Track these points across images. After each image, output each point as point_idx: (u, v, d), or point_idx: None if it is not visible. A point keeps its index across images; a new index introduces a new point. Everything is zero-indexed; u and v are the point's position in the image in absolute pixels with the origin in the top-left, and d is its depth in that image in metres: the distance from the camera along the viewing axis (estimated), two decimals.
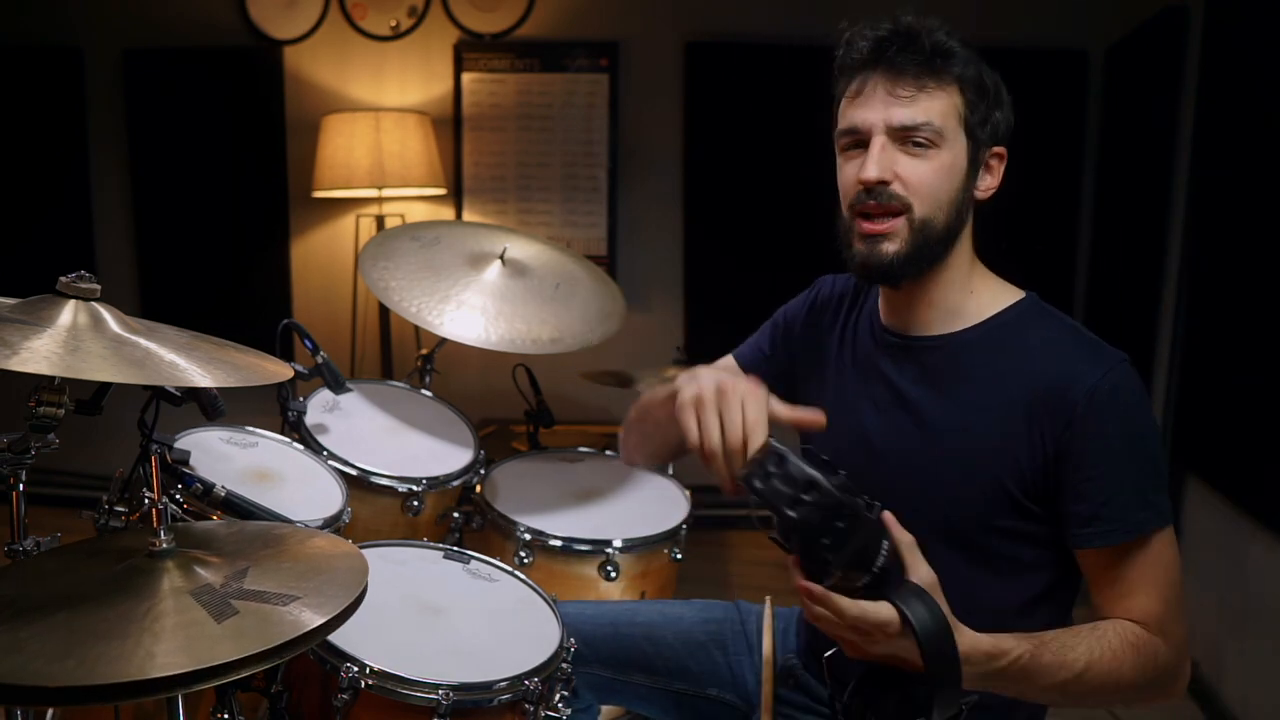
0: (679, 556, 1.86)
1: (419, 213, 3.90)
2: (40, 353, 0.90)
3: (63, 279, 1.01)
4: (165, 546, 0.99)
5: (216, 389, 1.30)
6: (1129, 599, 1.14)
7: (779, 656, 1.41)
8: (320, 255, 3.98)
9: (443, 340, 1.99)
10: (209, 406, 1.33)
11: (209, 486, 1.35)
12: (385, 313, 3.73)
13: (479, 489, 1.90)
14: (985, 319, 1.23)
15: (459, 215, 3.89)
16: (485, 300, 1.99)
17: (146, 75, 3.90)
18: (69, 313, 0.99)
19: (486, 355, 1.97)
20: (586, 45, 3.80)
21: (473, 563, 1.51)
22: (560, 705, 1.30)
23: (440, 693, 1.18)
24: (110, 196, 3.98)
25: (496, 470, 1.99)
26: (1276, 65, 2.31)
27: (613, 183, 3.87)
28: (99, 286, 1.02)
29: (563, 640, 1.34)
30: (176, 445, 1.40)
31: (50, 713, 1.25)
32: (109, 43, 3.88)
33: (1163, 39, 3.00)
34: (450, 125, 3.84)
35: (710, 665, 1.46)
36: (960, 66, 1.16)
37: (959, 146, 1.18)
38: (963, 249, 1.23)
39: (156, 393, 1.25)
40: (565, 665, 1.33)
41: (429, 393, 2.12)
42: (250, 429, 1.71)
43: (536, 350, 1.95)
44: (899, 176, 1.16)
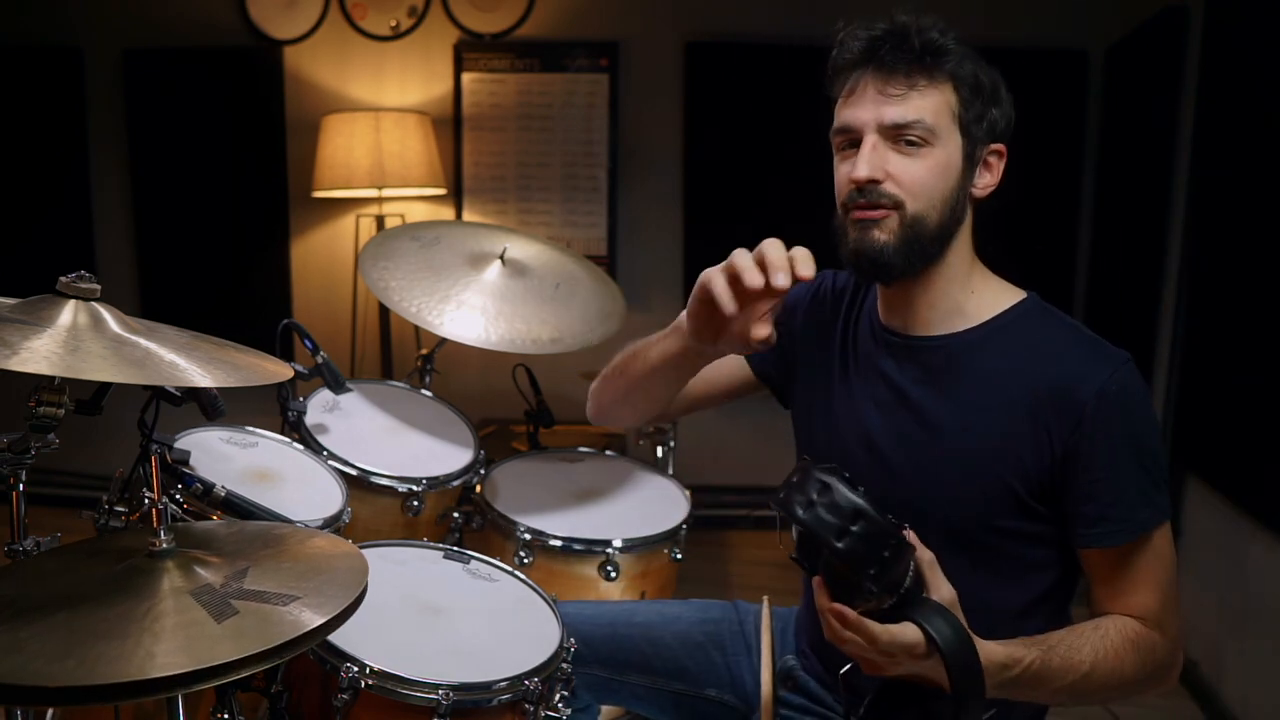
0: (679, 556, 1.85)
1: (419, 213, 3.90)
2: (40, 353, 0.90)
3: (63, 279, 1.01)
4: (165, 546, 0.99)
5: (216, 389, 1.30)
6: (1129, 596, 1.15)
7: (777, 658, 1.41)
8: (320, 255, 3.98)
9: (443, 340, 1.99)
10: (209, 406, 1.33)
11: (209, 486, 1.35)
12: (385, 313, 3.73)
13: (479, 489, 1.90)
14: (987, 320, 1.22)
15: (459, 215, 3.89)
16: (485, 300, 1.99)
17: (146, 75, 3.90)
18: (69, 313, 0.99)
19: (486, 355, 1.97)
20: (586, 45, 3.80)
21: (473, 563, 1.51)
22: (560, 705, 1.30)
23: (440, 693, 1.18)
24: (110, 196, 3.98)
25: (496, 470, 1.99)
26: (1276, 65, 2.31)
27: (613, 183, 3.87)
28: (99, 286, 1.02)
29: (563, 640, 1.34)
30: (176, 445, 1.40)
31: (50, 713, 1.24)
32: (109, 43, 3.88)
33: (1163, 39, 3.00)
34: (450, 125, 3.84)
35: (708, 665, 1.46)
36: (954, 63, 1.16)
37: (953, 144, 1.17)
38: (961, 248, 1.22)
39: (156, 393, 1.25)
40: (565, 665, 1.33)
41: (429, 393, 2.12)
42: (250, 429, 1.71)
43: (536, 350, 1.95)
44: (891, 175, 1.16)
